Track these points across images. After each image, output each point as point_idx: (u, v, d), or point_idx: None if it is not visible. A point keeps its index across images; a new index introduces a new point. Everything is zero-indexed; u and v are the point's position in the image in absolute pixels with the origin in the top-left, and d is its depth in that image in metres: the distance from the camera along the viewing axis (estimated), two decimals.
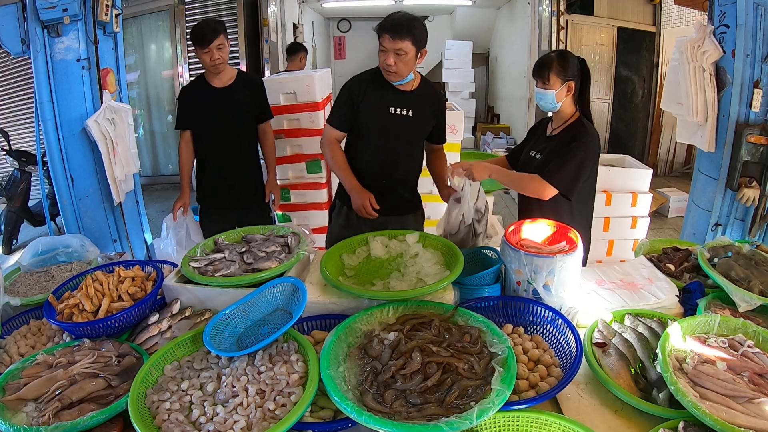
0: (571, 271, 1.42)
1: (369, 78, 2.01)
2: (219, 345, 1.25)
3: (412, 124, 2.01)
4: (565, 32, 5.98)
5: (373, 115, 1.99)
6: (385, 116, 1.97)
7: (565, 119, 1.92)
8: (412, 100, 1.99)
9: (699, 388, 1.09)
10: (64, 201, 2.64)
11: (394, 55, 1.82)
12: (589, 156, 1.82)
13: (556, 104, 1.87)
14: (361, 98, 1.97)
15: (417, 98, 2.00)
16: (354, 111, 1.99)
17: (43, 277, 1.75)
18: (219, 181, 2.50)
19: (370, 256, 1.68)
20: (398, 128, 2.00)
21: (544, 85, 1.84)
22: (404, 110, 1.98)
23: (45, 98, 2.48)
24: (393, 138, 2.02)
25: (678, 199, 5.11)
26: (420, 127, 2.07)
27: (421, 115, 2.02)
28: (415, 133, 2.07)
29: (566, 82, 1.82)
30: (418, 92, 2.01)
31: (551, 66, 1.82)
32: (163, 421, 1.06)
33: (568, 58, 1.84)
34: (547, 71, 1.82)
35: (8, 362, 1.35)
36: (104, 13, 2.55)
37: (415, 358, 1.15)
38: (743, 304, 1.42)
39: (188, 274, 1.53)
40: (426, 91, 2.05)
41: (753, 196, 2.44)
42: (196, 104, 2.39)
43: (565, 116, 1.91)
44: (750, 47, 2.38)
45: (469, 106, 8.37)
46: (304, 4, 7.79)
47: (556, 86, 1.83)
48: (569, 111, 1.91)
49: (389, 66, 1.84)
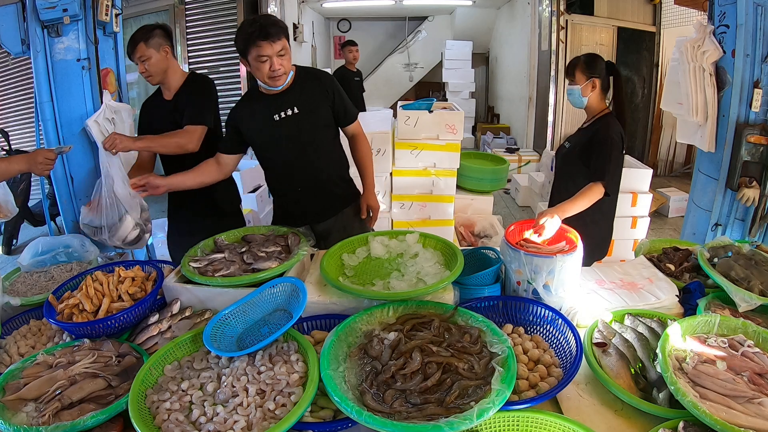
0: (571, 271, 1.42)
1: (244, 100, 1.96)
2: (219, 345, 1.25)
3: (302, 120, 1.88)
4: (565, 32, 5.97)
5: (259, 132, 1.91)
6: (272, 124, 1.87)
7: (595, 114, 2.10)
8: (293, 97, 1.87)
9: (699, 388, 1.09)
10: (64, 201, 2.64)
11: (278, 57, 1.73)
12: (617, 147, 1.98)
13: (582, 99, 2.07)
14: (239, 120, 1.91)
15: (297, 92, 1.88)
16: (240, 135, 1.94)
17: (43, 277, 1.75)
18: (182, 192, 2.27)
19: (370, 255, 1.68)
20: (290, 130, 1.88)
21: (571, 82, 2.07)
22: (289, 110, 1.87)
23: (45, 98, 2.47)
24: (289, 142, 1.90)
25: (678, 199, 5.11)
26: (313, 119, 1.91)
27: (309, 107, 1.89)
28: (310, 127, 1.91)
29: (591, 78, 2.03)
30: (297, 86, 1.89)
31: (577, 64, 2.05)
32: (163, 421, 1.06)
33: (594, 58, 2.06)
34: (573, 69, 2.06)
35: (8, 362, 1.35)
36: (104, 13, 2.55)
37: (415, 358, 1.15)
38: (743, 304, 1.42)
39: (188, 274, 1.53)
40: (306, 80, 1.91)
41: (753, 196, 2.44)
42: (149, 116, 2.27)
43: (594, 111, 2.10)
44: (750, 47, 2.37)
45: (469, 106, 8.39)
46: (304, 4, 7.78)
47: (581, 82, 2.04)
48: (597, 107, 2.09)
49: (278, 70, 1.74)
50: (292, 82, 1.88)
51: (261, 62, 1.73)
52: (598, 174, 1.90)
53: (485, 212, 3.38)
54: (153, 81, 2.16)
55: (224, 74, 5.85)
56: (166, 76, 2.16)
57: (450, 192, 3.02)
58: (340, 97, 1.96)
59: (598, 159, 1.94)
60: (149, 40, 2.07)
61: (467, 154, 3.38)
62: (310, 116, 1.90)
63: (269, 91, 1.86)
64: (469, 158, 3.48)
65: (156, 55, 2.09)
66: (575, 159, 2.08)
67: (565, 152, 2.18)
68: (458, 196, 3.15)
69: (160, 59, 2.11)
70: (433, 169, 2.95)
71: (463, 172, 3.21)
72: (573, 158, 2.10)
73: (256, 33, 1.68)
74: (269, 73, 1.75)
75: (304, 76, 1.92)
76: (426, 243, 1.71)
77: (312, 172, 1.96)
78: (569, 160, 2.14)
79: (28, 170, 1.73)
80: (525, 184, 5.55)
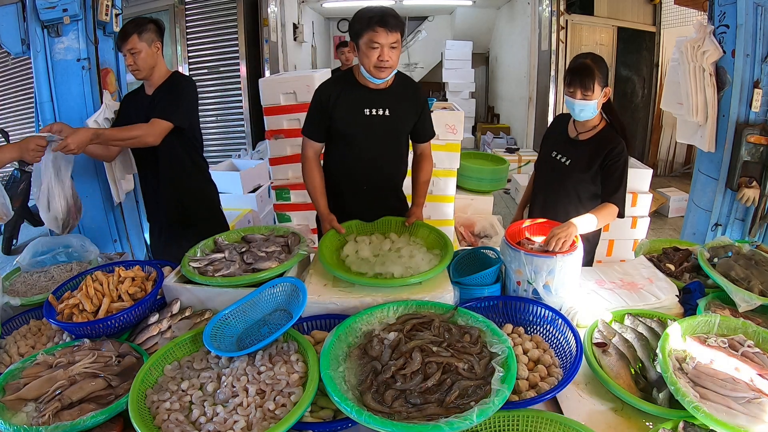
0: (571, 271, 1.42)
1: (338, 81, 1.88)
2: (219, 345, 1.25)
3: (390, 124, 1.87)
4: (565, 32, 5.98)
5: (346, 119, 1.85)
6: (360, 118, 1.84)
7: (594, 125, 1.86)
8: (388, 98, 1.84)
9: (699, 388, 1.09)
10: None
11: (389, 48, 1.68)
12: (626, 168, 1.82)
13: (596, 112, 1.79)
14: (332, 103, 1.84)
15: (394, 95, 1.86)
16: (326, 118, 1.86)
17: (43, 277, 1.75)
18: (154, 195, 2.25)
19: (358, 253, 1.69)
20: (375, 130, 1.86)
21: (586, 97, 1.73)
22: (380, 110, 1.84)
23: (45, 98, 2.48)
24: (371, 141, 1.88)
25: (678, 199, 5.11)
26: (399, 126, 1.91)
27: (400, 113, 1.88)
28: (395, 133, 1.91)
29: (604, 88, 1.76)
30: (395, 88, 1.86)
31: (593, 75, 1.71)
32: (163, 421, 1.06)
33: (603, 62, 1.76)
34: (591, 81, 1.71)
35: (8, 362, 1.35)
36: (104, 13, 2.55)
37: (415, 358, 1.15)
38: (743, 304, 1.42)
39: (188, 274, 1.53)
40: (403, 86, 1.89)
41: (753, 196, 2.44)
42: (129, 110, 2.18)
43: (594, 122, 1.86)
44: (750, 47, 2.37)
45: (469, 106, 8.38)
46: (304, 4, 7.79)
47: (598, 95, 1.74)
48: (597, 118, 1.86)
49: (386, 62, 1.69)
50: (391, 83, 1.85)
51: (372, 48, 1.68)
52: (618, 199, 1.77)
53: (485, 212, 3.38)
54: (138, 75, 2.08)
55: (224, 74, 5.85)
56: (152, 73, 2.09)
57: (450, 192, 3.02)
58: (426, 113, 1.96)
59: (615, 181, 1.79)
60: (142, 34, 2.02)
61: (467, 154, 3.38)
62: (398, 122, 1.88)
63: (368, 82, 1.81)
64: (469, 158, 3.48)
65: (147, 50, 2.04)
66: (578, 175, 1.88)
67: (565, 170, 1.91)
68: (458, 196, 3.15)
69: (150, 54, 2.05)
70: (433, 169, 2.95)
71: (463, 172, 3.21)
72: (574, 174, 1.89)
73: (376, 18, 1.65)
74: (377, 63, 1.70)
75: (403, 82, 1.90)
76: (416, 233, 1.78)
77: (380, 177, 1.95)
78: (568, 175, 1.90)
79: (19, 158, 1.71)
80: (525, 184, 5.54)
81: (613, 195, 1.78)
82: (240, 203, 3.82)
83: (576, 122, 1.91)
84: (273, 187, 3.26)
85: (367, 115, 1.84)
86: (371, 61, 1.70)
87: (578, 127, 1.91)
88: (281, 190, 3.20)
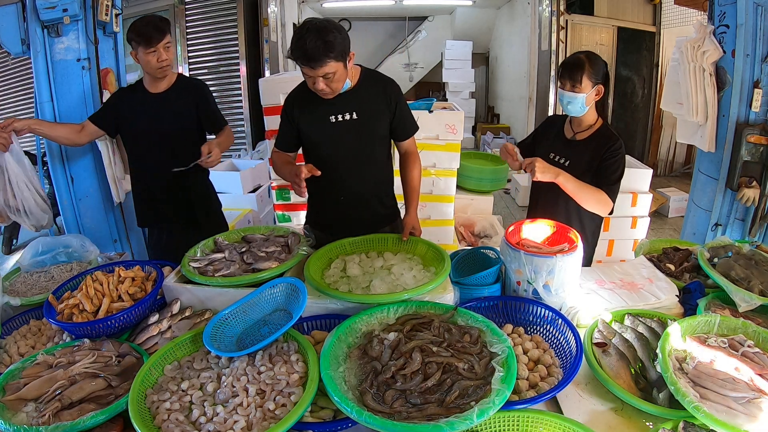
0: (571, 271, 1.42)
1: (302, 90, 1.77)
2: (219, 345, 1.25)
3: (359, 128, 1.75)
4: (565, 32, 5.98)
5: (313, 129, 1.77)
6: (326, 127, 1.74)
7: (590, 124, 1.85)
8: (354, 101, 1.73)
9: (699, 388, 1.09)
10: (64, 201, 2.64)
11: (323, 80, 1.57)
12: (623, 165, 1.80)
13: (585, 108, 1.78)
14: (298, 114, 1.76)
15: (360, 96, 1.74)
16: (295, 128, 1.79)
17: (43, 277, 1.75)
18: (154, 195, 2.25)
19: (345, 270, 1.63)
20: (343, 137, 1.75)
21: (574, 89, 1.74)
22: (347, 114, 1.73)
23: (45, 98, 2.47)
24: (341, 149, 1.78)
25: (678, 199, 5.11)
26: (371, 129, 1.78)
27: (369, 114, 1.76)
28: (366, 136, 1.79)
29: (596, 85, 1.75)
30: (361, 89, 1.75)
31: (583, 68, 1.72)
32: (163, 421, 1.06)
33: (599, 60, 1.76)
34: (579, 73, 1.72)
35: (8, 362, 1.35)
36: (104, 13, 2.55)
37: (415, 358, 1.15)
38: (743, 304, 1.42)
39: (188, 274, 1.53)
40: (371, 84, 1.77)
41: (753, 196, 2.44)
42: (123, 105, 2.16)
43: (590, 121, 1.85)
44: (750, 47, 2.38)
45: (469, 106, 8.38)
46: (304, 4, 7.79)
47: (587, 89, 1.74)
48: (594, 116, 1.84)
49: (322, 91, 1.61)
50: (355, 84, 1.75)
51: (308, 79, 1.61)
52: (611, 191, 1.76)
53: (485, 212, 3.38)
54: (166, 72, 2.09)
55: (224, 74, 5.85)
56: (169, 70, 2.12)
57: (450, 192, 3.02)
58: (402, 108, 1.83)
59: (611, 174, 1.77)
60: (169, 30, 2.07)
61: (467, 154, 3.38)
62: (368, 125, 1.77)
63: None
64: (469, 158, 3.48)
65: (172, 47, 2.09)
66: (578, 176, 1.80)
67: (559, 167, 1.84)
68: (458, 196, 3.15)
69: (173, 51, 2.12)
70: (433, 169, 2.95)
71: (463, 172, 3.21)
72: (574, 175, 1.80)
73: (300, 59, 1.54)
74: (317, 91, 1.63)
75: (370, 80, 1.78)
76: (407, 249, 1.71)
77: (359, 184, 1.84)
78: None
79: None
80: (525, 184, 5.55)
81: (607, 185, 1.75)
82: (240, 203, 3.82)
83: (573, 123, 1.90)
84: (273, 187, 3.26)
85: (333, 122, 1.74)
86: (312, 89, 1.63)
87: (575, 128, 1.89)
88: (281, 190, 3.20)
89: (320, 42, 1.50)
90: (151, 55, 2.01)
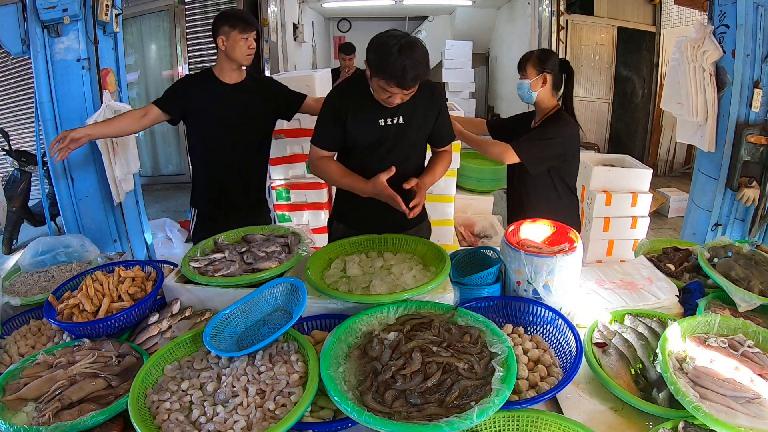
0: (571, 271, 1.42)
1: (351, 88, 1.77)
2: (219, 345, 1.25)
3: (405, 134, 1.76)
4: (565, 32, 5.98)
5: (360, 131, 1.75)
6: (374, 130, 1.74)
7: (545, 112, 2.05)
8: (404, 105, 1.71)
9: (699, 388, 1.09)
10: (64, 201, 2.64)
11: (402, 97, 1.61)
12: (560, 137, 1.97)
13: (531, 93, 2.03)
14: (346, 112, 1.73)
15: (411, 102, 1.73)
16: (340, 127, 1.76)
17: (43, 277, 1.75)
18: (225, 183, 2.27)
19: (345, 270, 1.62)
20: (390, 141, 1.76)
21: (522, 76, 2.03)
22: (396, 119, 1.74)
23: (45, 98, 2.48)
24: (384, 152, 1.77)
25: (678, 199, 5.11)
26: (415, 135, 1.80)
27: (416, 121, 1.77)
28: (410, 142, 1.80)
29: (542, 73, 1.99)
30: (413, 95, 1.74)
31: (530, 58, 2.02)
32: (163, 421, 1.06)
33: (548, 54, 2.03)
34: (524, 62, 2.02)
35: (8, 362, 1.35)
36: (104, 13, 2.55)
37: (415, 358, 1.15)
38: (743, 304, 1.42)
39: (188, 274, 1.53)
40: (420, 89, 1.74)
41: (753, 196, 2.44)
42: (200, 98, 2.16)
43: (545, 109, 2.05)
44: (750, 47, 2.38)
45: (469, 106, 8.38)
46: (304, 4, 7.79)
47: (532, 76, 2.00)
48: (548, 104, 2.05)
49: (392, 102, 1.63)
50: None
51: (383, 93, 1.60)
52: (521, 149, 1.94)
53: (485, 212, 3.38)
54: (251, 60, 2.16)
55: None
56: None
57: (450, 192, 3.01)
58: (444, 115, 1.82)
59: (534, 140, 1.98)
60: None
61: (467, 154, 3.37)
62: (413, 130, 1.77)
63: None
64: (469, 158, 3.47)
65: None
66: None
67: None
68: (458, 196, 3.14)
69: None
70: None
71: (463, 172, 3.20)
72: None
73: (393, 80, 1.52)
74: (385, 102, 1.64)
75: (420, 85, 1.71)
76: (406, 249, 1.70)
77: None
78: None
79: None
80: None
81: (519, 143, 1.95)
82: None
83: (536, 114, 2.12)
84: (273, 187, 3.26)
85: (381, 126, 1.74)
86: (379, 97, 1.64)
87: (536, 117, 2.11)
88: (281, 190, 3.20)
89: (418, 68, 1.51)
90: (244, 40, 2.07)
